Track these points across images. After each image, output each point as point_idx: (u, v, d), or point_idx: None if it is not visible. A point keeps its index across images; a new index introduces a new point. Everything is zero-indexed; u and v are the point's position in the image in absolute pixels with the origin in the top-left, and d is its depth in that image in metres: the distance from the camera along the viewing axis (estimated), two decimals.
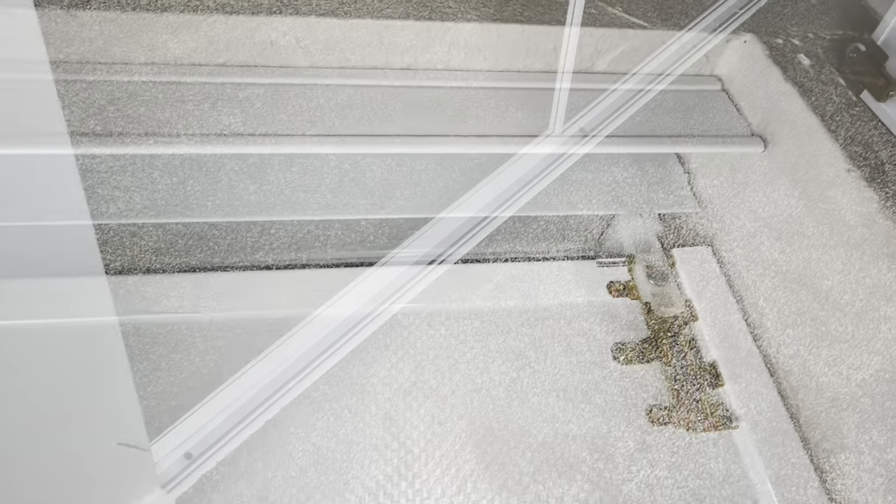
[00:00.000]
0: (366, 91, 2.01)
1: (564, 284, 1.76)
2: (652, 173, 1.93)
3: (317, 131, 1.93)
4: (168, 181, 1.81)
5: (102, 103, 1.92)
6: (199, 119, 1.92)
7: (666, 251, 1.82)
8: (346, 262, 1.75)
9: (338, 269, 1.73)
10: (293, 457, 1.52)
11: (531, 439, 1.57)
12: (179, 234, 1.74)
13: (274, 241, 1.75)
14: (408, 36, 2.13)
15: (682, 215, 1.86)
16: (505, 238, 1.82)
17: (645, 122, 2.03)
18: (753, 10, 2.27)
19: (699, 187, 1.91)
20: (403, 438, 1.56)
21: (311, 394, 1.59)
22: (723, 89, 2.10)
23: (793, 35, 2.24)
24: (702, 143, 1.99)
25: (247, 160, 1.86)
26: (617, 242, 1.83)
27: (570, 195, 1.89)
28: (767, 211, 1.89)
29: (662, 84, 2.09)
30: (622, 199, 1.88)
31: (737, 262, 1.81)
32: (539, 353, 1.67)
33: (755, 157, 1.98)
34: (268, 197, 1.81)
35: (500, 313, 1.72)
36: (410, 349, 1.66)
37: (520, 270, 1.77)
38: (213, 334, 1.63)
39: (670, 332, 1.71)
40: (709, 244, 1.83)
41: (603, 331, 1.71)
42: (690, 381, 1.65)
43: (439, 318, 1.70)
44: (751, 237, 1.84)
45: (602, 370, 1.66)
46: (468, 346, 1.67)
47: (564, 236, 1.82)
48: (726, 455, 1.58)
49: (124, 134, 1.88)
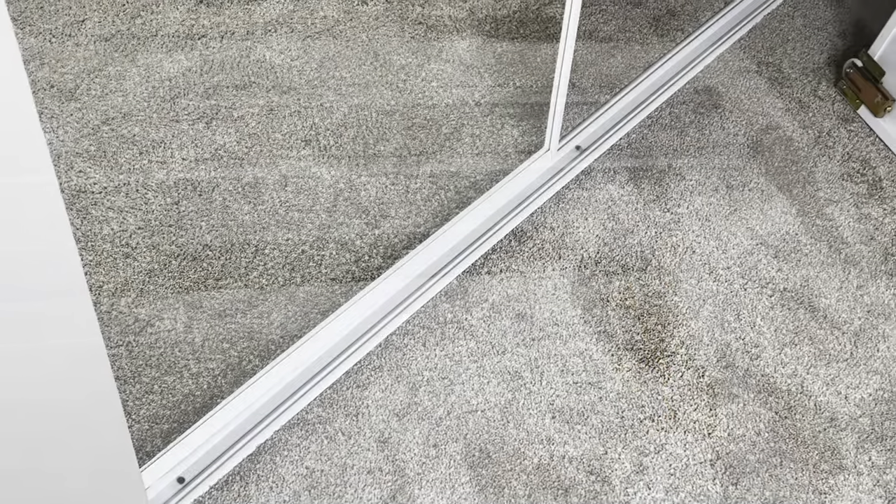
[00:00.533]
0: (361, 110, 2.00)
1: (560, 304, 1.75)
2: (648, 191, 1.92)
3: (311, 151, 1.93)
4: (162, 201, 1.81)
5: (97, 123, 1.92)
6: (194, 139, 1.91)
7: (663, 270, 1.81)
8: (341, 281, 1.74)
9: (332, 289, 1.73)
10: (286, 481, 1.51)
11: (527, 462, 1.56)
12: (173, 255, 1.73)
13: (268, 262, 1.74)
14: (403, 54, 2.13)
15: (678, 231, 1.85)
16: (500, 257, 1.81)
17: (641, 139, 2.02)
18: (749, 26, 2.27)
19: (696, 204, 1.90)
20: (398, 461, 1.54)
21: (304, 416, 1.57)
22: (719, 106, 2.09)
23: (789, 51, 2.23)
24: (698, 159, 1.98)
25: (241, 180, 1.85)
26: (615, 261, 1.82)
27: (566, 213, 1.88)
28: (764, 228, 1.88)
29: (658, 100, 2.08)
30: (618, 217, 1.87)
31: (734, 280, 1.80)
32: (535, 373, 1.66)
33: (752, 173, 1.97)
34: (262, 217, 1.81)
35: (496, 333, 1.71)
36: (405, 370, 1.65)
37: (515, 290, 1.76)
38: (207, 356, 1.62)
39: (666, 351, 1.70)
40: (706, 261, 1.82)
41: (599, 351, 1.70)
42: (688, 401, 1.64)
43: (434, 338, 1.69)
44: (748, 255, 1.83)
45: (598, 391, 1.65)
46: (463, 367, 1.66)
47: (560, 255, 1.81)
48: (723, 477, 1.57)
49: (118, 154, 1.87)
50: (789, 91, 2.14)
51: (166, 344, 1.63)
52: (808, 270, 1.83)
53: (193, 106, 1.97)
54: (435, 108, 2.03)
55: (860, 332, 1.75)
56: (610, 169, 1.96)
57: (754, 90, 2.14)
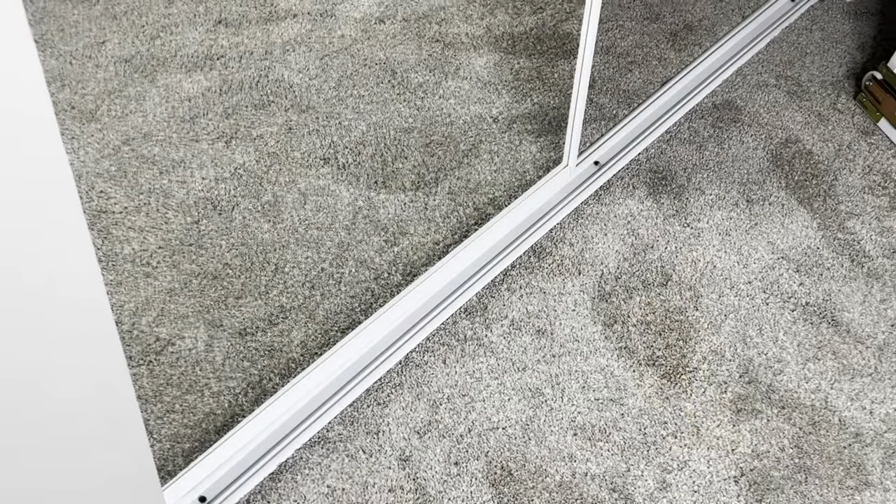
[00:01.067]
0: (379, 127, 2.01)
1: (581, 320, 1.74)
2: (668, 205, 1.92)
3: (330, 169, 1.93)
4: (182, 221, 1.81)
5: (117, 144, 1.93)
6: (213, 158, 1.92)
7: (683, 286, 1.80)
8: (360, 299, 1.74)
9: (351, 306, 1.73)
10: (308, 499, 1.50)
11: (549, 479, 1.55)
12: (193, 274, 1.74)
13: (288, 280, 1.75)
14: (421, 72, 2.14)
15: (699, 246, 1.84)
16: (520, 273, 1.80)
17: (660, 154, 2.02)
18: (767, 40, 2.26)
19: (716, 219, 1.89)
20: (419, 479, 1.54)
21: (325, 434, 1.57)
22: (738, 120, 2.08)
23: (808, 64, 2.23)
24: (717, 174, 1.97)
25: (261, 199, 1.86)
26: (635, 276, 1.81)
27: (585, 229, 1.87)
28: (786, 242, 1.87)
29: (677, 115, 2.07)
30: (638, 232, 1.87)
31: (755, 294, 1.78)
32: (556, 390, 1.66)
33: (772, 187, 1.96)
34: (282, 236, 1.81)
35: (516, 350, 1.70)
36: (425, 388, 1.64)
37: (535, 306, 1.76)
38: (228, 375, 1.62)
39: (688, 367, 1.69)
40: (727, 276, 1.81)
41: (621, 367, 1.69)
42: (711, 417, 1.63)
43: (454, 355, 1.69)
44: (769, 269, 1.82)
45: (620, 407, 1.64)
46: (484, 385, 1.65)
47: (580, 271, 1.81)
48: (748, 494, 1.55)
49: (138, 174, 1.88)
50: (808, 104, 2.13)
51: (187, 363, 1.63)
52: (830, 284, 1.82)
53: (213, 125, 1.98)
54: (453, 124, 2.04)
55: (884, 346, 1.74)
56: (629, 184, 1.96)
57: (773, 104, 2.13)
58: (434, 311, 1.72)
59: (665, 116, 2.06)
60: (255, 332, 1.68)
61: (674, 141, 2.04)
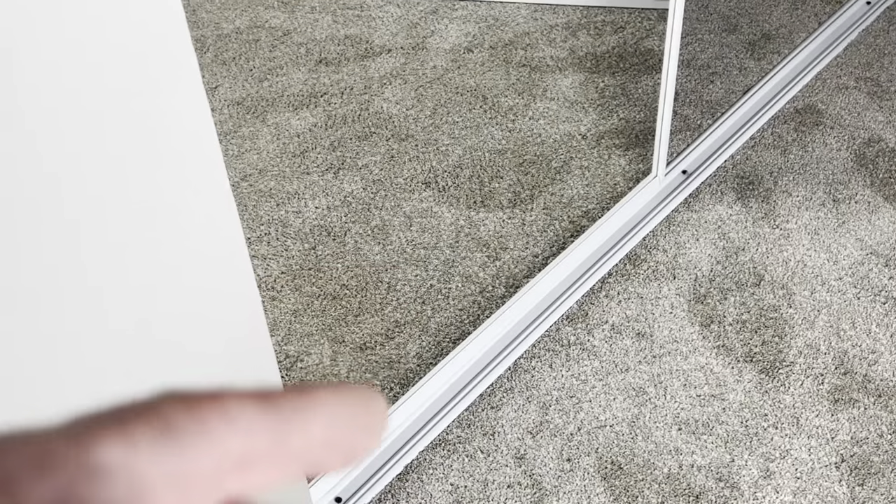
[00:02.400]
0: (474, 150, 2.14)
1: (678, 322, 1.83)
2: (756, 209, 2.00)
3: (432, 192, 2.06)
4: (300, 247, 1.97)
5: (236, 180, 2.10)
6: (324, 189, 2.08)
7: (776, 285, 1.88)
8: (468, 311, 1.86)
9: (460, 319, 1.85)
10: (434, 497, 1.63)
11: (657, 472, 1.65)
12: (314, 296, 1.88)
13: (400, 297, 1.88)
14: (510, 95, 2.26)
15: (789, 246, 1.92)
16: (617, 280, 1.90)
17: (746, 160, 2.10)
18: (845, 43, 2.33)
19: (804, 219, 1.97)
20: (535, 475, 1.65)
21: (445, 437, 1.70)
22: (820, 122, 2.15)
23: (886, 65, 2.28)
24: (803, 175, 2.05)
25: (370, 223, 2.00)
26: (728, 278, 1.90)
27: (677, 235, 1.97)
28: (873, 238, 1.93)
29: (760, 121, 2.16)
30: (728, 236, 1.95)
31: (846, 290, 1.85)
32: (659, 388, 1.75)
33: (857, 186, 2.03)
34: (392, 256, 1.95)
35: (618, 352, 1.80)
36: (535, 391, 1.75)
37: (634, 311, 1.86)
38: None
39: (785, 361, 1.76)
40: (817, 273, 1.88)
41: (719, 364, 1.77)
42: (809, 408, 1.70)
43: (559, 360, 1.79)
44: (858, 265, 1.89)
45: (721, 402, 1.73)
46: (589, 386, 1.76)
47: (675, 275, 1.90)
48: (849, 479, 1.62)
49: (257, 207, 2.05)
50: (889, 104, 2.19)
51: (315, 376, 1.77)
52: None
53: (321, 158, 2.13)
54: (544, 143, 2.15)
55: None
56: (717, 190, 2.05)
57: (854, 105, 2.20)
58: (538, 319, 1.83)
59: (749, 123, 2.15)
60: (374, 346, 1.81)
61: (758, 146, 2.13)
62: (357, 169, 2.12)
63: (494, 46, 2.39)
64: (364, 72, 2.33)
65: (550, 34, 2.41)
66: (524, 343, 1.81)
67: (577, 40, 2.39)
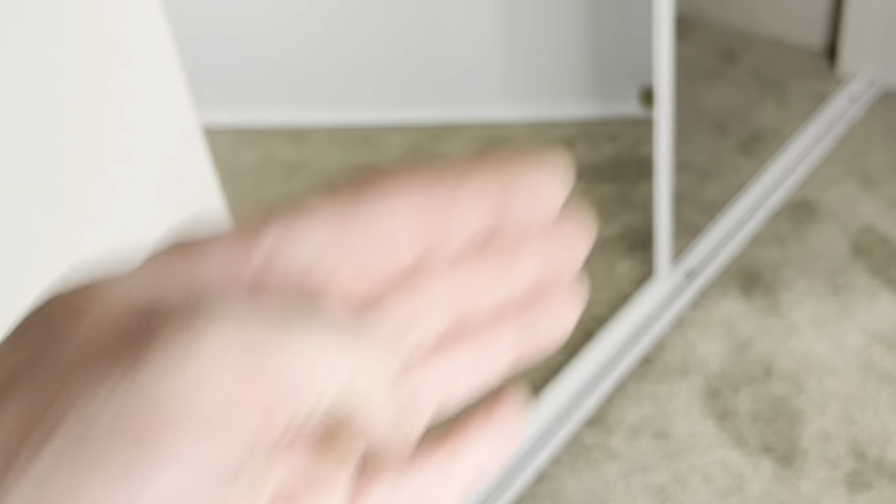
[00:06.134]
0: None
1: (694, 418, 1.90)
2: (760, 303, 2.08)
3: None
4: None
5: None
6: None
7: (785, 375, 1.94)
8: None
9: None
10: None
11: None
12: None
13: None
14: None
15: (794, 337, 1.99)
16: (632, 381, 1.97)
17: (746, 256, 2.19)
18: (832, 137, 2.44)
19: (807, 310, 2.05)
20: None
21: None
22: (815, 215, 2.25)
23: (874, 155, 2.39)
24: (803, 267, 2.14)
25: None
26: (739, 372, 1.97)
27: (685, 333, 2.04)
28: (875, 324, 2.01)
29: (757, 218, 2.25)
30: (735, 331, 2.03)
31: (853, 376, 1.92)
32: (679, 485, 1.80)
33: (855, 274, 2.11)
34: None
35: (638, 452, 1.86)
36: (559, 495, 1.81)
37: (650, 410, 1.92)
38: None
39: (800, 449, 1.82)
40: (824, 362, 1.95)
41: (737, 457, 1.83)
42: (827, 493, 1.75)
43: (580, 463, 1.85)
44: (863, 351, 1.96)
45: (742, 494, 1.78)
46: (611, 486, 1.81)
47: (687, 373, 1.97)
48: None
49: None
50: (879, 193, 2.29)
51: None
52: None
53: None
54: None
55: None
56: (721, 287, 2.13)
57: (846, 196, 2.30)
58: (558, 425, 1.90)
59: (746, 221, 2.25)
60: None
61: (758, 242, 2.22)
62: None
63: None
64: None
65: (549, 146, 2.54)
66: (547, 450, 1.87)
67: (576, 152, 2.51)
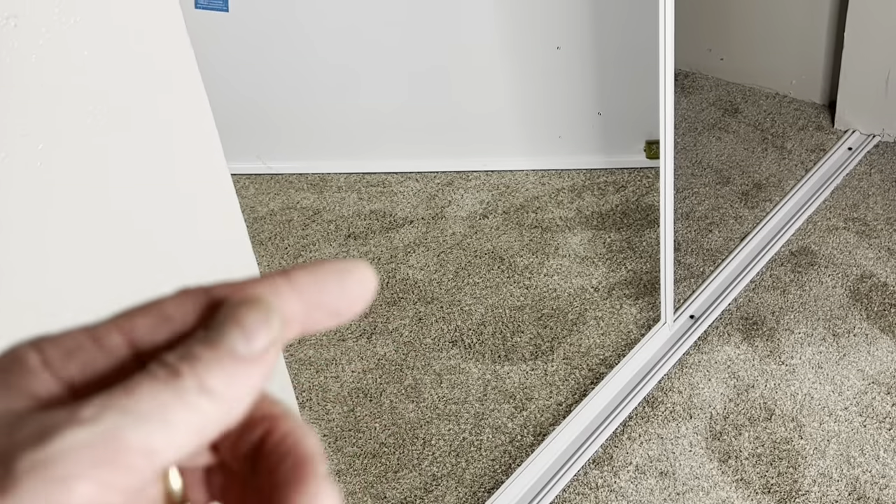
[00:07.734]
0: (496, 308, 2.31)
1: (698, 459, 1.95)
2: (762, 348, 2.14)
3: (458, 350, 2.22)
4: (340, 410, 2.11)
5: None
6: (359, 353, 2.24)
7: (786, 418, 2.00)
8: (499, 461, 1.99)
9: (493, 468, 1.98)
10: None
11: None
12: (356, 455, 2.02)
13: (436, 451, 2.01)
14: (525, 255, 2.45)
15: (795, 381, 2.05)
16: (637, 422, 2.03)
17: (748, 302, 2.26)
18: (831, 188, 2.52)
19: (807, 354, 2.11)
20: None
21: None
22: (815, 263, 2.32)
23: (872, 205, 2.46)
24: (803, 313, 2.20)
25: (403, 383, 2.16)
26: (741, 414, 2.03)
27: (690, 376, 2.11)
28: (874, 368, 2.07)
29: (758, 265, 2.32)
30: (738, 375, 2.09)
31: (852, 418, 1.97)
32: None
33: (854, 320, 2.18)
34: (425, 413, 2.09)
35: (644, 492, 1.91)
36: None
37: (655, 451, 1.98)
38: None
39: (801, 490, 1.87)
40: (824, 405, 2.01)
41: (739, 498, 1.88)
42: None
43: (587, 502, 1.91)
44: (862, 394, 2.02)
45: None
46: None
47: (691, 415, 2.03)
48: None
49: (299, 374, 2.21)
50: (877, 241, 2.36)
51: None
52: None
53: (355, 325, 2.31)
54: (559, 297, 2.32)
55: None
56: (724, 332, 2.20)
57: (845, 244, 2.37)
58: (566, 465, 1.96)
59: (748, 268, 2.32)
60: (414, 500, 1.94)
61: (759, 289, 2.29)
62: (388, 332, 2.29)
63: (507, 211, 2.59)
64: (389, 242, 2.53)
65: (558, 196, 2.62)
66: (554, 489, 1.92)
67: (583, 201, 2.60)
